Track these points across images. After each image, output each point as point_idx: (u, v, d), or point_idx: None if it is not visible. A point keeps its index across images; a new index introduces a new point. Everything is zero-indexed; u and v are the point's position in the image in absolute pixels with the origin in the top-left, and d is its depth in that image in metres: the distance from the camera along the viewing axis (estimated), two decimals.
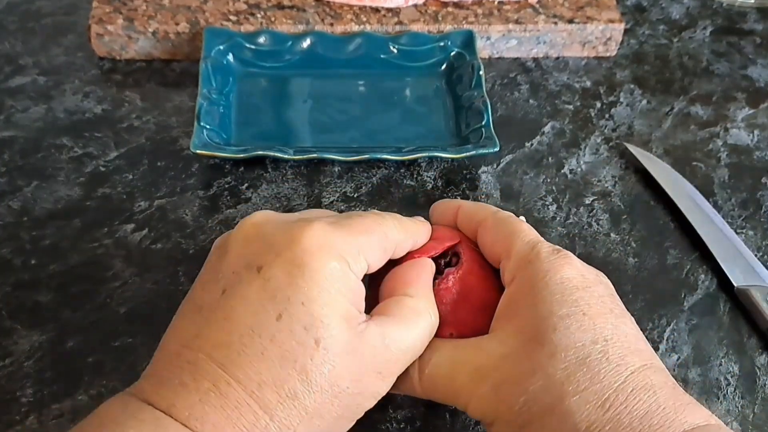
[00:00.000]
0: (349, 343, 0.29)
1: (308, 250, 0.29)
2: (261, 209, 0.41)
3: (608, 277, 0.34)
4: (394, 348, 0.30)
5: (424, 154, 0.48)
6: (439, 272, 0.35)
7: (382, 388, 0.31)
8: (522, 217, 0.36)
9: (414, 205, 0.47)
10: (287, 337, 0.28)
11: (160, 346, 0.30)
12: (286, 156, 0.47)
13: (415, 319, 0.32)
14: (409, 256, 0.35)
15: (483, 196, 0.48)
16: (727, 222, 0.47)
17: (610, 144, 0.52)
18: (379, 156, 0.47)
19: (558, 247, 0.33)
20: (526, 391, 0.30)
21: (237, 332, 0.28)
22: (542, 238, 0.34)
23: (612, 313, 0.31)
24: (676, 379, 0.40)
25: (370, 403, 0.31)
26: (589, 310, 0.31)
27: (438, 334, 0.33)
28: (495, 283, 0.35)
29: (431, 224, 0.37)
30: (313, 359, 0.28)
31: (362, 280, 0.31)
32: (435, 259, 0.35)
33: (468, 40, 0.54)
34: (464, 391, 0.31)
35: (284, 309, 0.28)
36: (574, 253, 0.33)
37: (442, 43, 0.54)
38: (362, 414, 0.31)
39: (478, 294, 0.34)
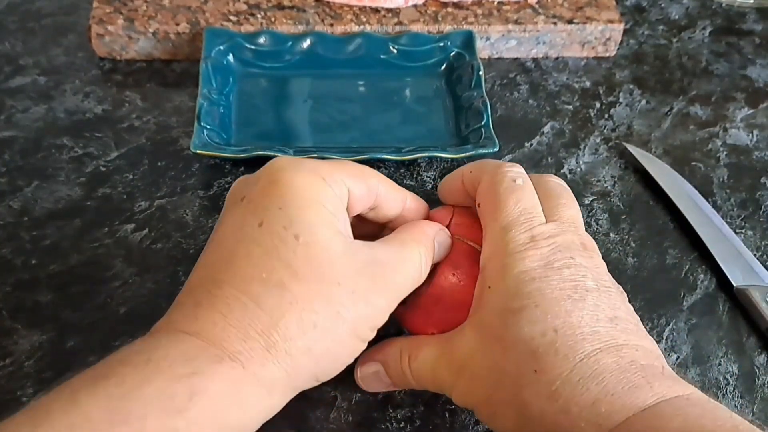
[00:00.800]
0: (331, 242, 0.30)
1: (282, 168, 0.31)
2: None
3: None
4: (384, 260, 0.31)
5: (423, 154, 0.48)
6: None
7: (381, 300, 0.31)
8: (519, 179, 0.33)
9: None
10: (269, 238, 0.29)
11: None
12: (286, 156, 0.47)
13: (402, 244, 0.32)
14: None
15: None
16: (727, 222, 0.47)
17: (610, 144, 0.52)
18: (379, 156, 0.47)
19: (537, 229, 0.32)
20: (489, 384, 0.31)
21: (226, 248, 0.30)
22: (525, 214, 0.32)
23: (569, 299, 0.30)
24: None
25: (373, 315, 0.31)
26: (542, 301, 0.30)
27: (421, 333, 0.35)
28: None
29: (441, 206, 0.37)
30: (295, 252, 0.29)
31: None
32: None
33: (468, 41, 0.54)
34: (446, 383, 0.33)
35: (263, 216, 0.30)
36: None
37: (441, 44, 0.55)
38: (369, 331, 0.31)
39: (457, 291, 0.34)
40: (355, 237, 0.32)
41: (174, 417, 0.25)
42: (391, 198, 0.34)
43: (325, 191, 0.31)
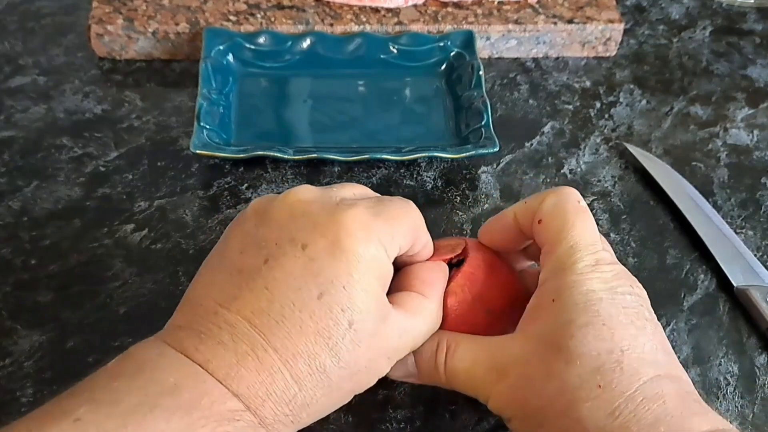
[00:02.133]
0: (375, 327, 0.31)
1: (353, 235, 0.30)
2: None
3: None
4: (405, 338, 0.33)
5: (423, 154, 0.48)
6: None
7: (386, 370, 0.33)
8: (583, 202, 0.35)
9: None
10: (325, 316, 0.29)
11: (189, 298, 0.32)
12: (286, 156, 0.47)
13: (426, 318, 0.34)
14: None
15: (483, 196, 0.48)
16: (727, 222, 0.47)
17: (610, 144, 0.52)
18: (378, 156, 0.47)
19: (600, 254, 0.33)
20: (541, 393, 0.31)
21: (278, 303, 0.29)
22: (590, 238, 0.34)
23: (633, 325, 0.32)
24: None
25: (374, 381, 0.33)
26: (609, 320, 0.31)
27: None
28: (507, 284, 0.36)
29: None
30: (344, 339, 0.30)
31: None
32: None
33: (468, 40, 0.54)
34: (484, 386, 0.33)
35: (326, 289, 0.30)
36: None
37: (441, 43, 0.54)
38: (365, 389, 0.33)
39: (484, 298, 0.35)
40: None
41: None
42: (421, 243, 0.35)
43: (385, 264, 0.32)
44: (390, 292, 0.33)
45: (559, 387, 0.31)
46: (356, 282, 0.30)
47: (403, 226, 0.33)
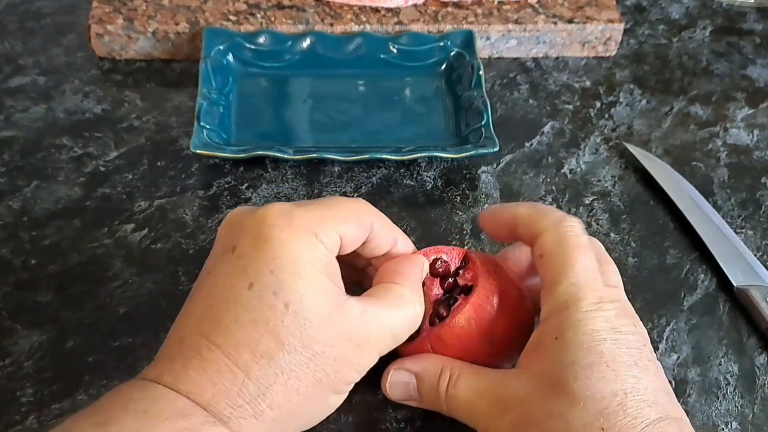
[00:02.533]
0: (320, 308, 0.30)
1: (272, 224, 0.31)
2: None
3: None
4: (373, 324, 0.32)
5: (423, 154, 0.48)
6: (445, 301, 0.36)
7: (363, 361, 0.32)
8: (584, 235, 0.35)
9: (414, 204, 0.47)
10: (258, 303, 0.30)
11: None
12: (285, 156, 0.47)
13: (398, 302, 0.33)
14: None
15: (483, 196, 0.48)
16: (727, 222, 0.47)
17: (610, 144, 0.52)
18: (378, 156, 0.47)
19: (602, 291, 0.33)
20: None
21: (216, 305, 0.30)
22: (592, 275, 0.33)
23: (636, 366, 0.32)
24: (674, 380, 0.40)
25: (352, 375, 0.32)
26: (613, 362, 0.31)
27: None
28: (514, 313, 0.36)
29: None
30: (283, 321, 0.30)
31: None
32: (447, 292, 0.36)
33: (468, 40, 0.54)
34: (485, 420, 0.33)
35: (255, 279, 0.30)
36: None
37: (441, 43, 0.54)
38: (346, 386, 0.32)
39: (492, 330, 0.35)
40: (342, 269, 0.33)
41: None
42: (382, 237, 0.35)
43: (317, 249, 0.31)
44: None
45: (562, 428, 0.31)
46: (285, 266, 0.30)
47: (336, 212, 0.33)
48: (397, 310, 0.33)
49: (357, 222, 0.33)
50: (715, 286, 0.45)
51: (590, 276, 0.33)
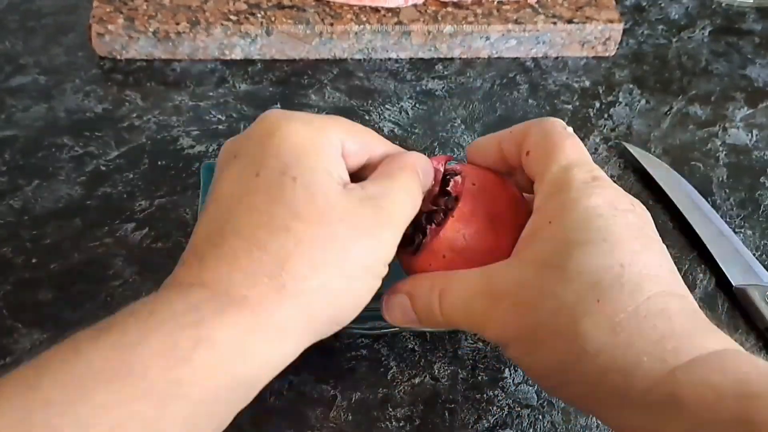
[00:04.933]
0: (330, 181, 0.29)
1: (275, 121, 0.30)
2: None
3: None
4: (382, 195, 0.31)
5: None
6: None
7: (386, 233, 0.30)
8: (569, 128, 0.33)
9: None
10: (268, 185, 0.29)
11: None
12: None
13: (399, 174, 0.32)
14: None
15: None
16: (726, 221, 0.47)
17: (609, 144, 0.52)
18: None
19: (597, 172, 0.32)
20: (537, 313, 0.30)
21: (225, 204, 0.29)
22: (583, 158, 0.32)
23: (636, 241, 0.30)
24: None
25: (381, 250, 0.30)
26: (610, 236, 0.29)
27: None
28: (507, 212, 0.34)
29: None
30: (295, 194, 0.28)
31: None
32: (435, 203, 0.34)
33: None
34: (480, 316, 0.32)
35: (260, 167, 0.29)
36: None
37: None
38: (380, 265, 0.30)
39: (483, 232, 0.33)
40: None
41: (178, 367, 0.25)
42: (375, 138, 0.34)
43: (321, 140, 0.30)
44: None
45: (555, 306, 0.29)
46: (287, 149, 0.29)
47: (341, 122, 0.32)
48: (393, 180, 0.32)
49: (357, 135, 0.32)
50: (714, 285, 0.45)
51: (582, 157, 0.32)
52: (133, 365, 0.25)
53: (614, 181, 0.49)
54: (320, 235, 0.28)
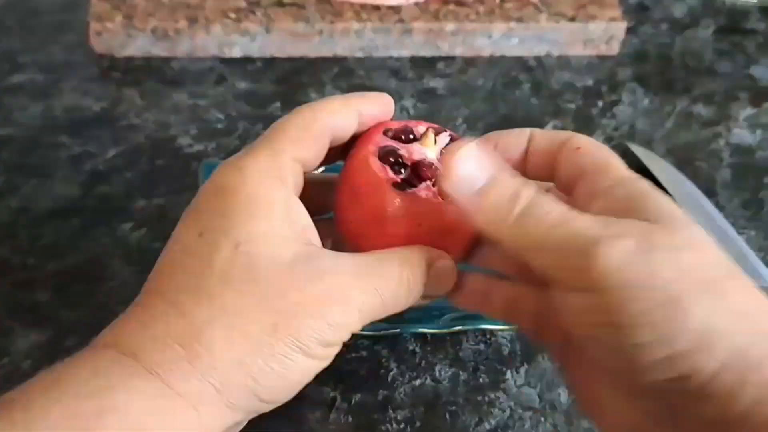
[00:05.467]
0: (279, 250, 0.26)
1: (228, 173, 0.28)
2: None
3: None
4: (349, 274, 0.27)
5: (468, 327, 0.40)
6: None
7: (337, 316, 0.26)
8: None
9: None
10: (208, 248, 0.26)
11: None
12: None
13: (390, 263, 0.28)
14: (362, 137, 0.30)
15: None
16: (730, 222, 0.47)
17: (612, 143, 0.52)
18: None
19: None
20: (678, 261, 0.24)
21: (168, 260, 0.28)
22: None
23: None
24: None
25: (325, 331, 0.26)
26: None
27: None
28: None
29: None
30: (233, 262, 0.26)
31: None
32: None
33: None
34: (586, 241, 0.24)
35: (204, 226, 0.27)
36: None
37: None
38: (319, 346, 0.26)
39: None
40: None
41: None
42: (340, 126, 0.29)
43: (277, 192, 0.27)
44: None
45: (699, 258, 0.24)
46: (236, 208, 0.26)
47: (291, 135, 0.28)
48: (381, 263, 0.28)
49: (311, 140, 0.29)
50: None
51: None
52: None
53: None
54: (250, 306, 0.25)
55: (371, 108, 0.30)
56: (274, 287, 0.26)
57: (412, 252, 0.29)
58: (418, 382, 0.39)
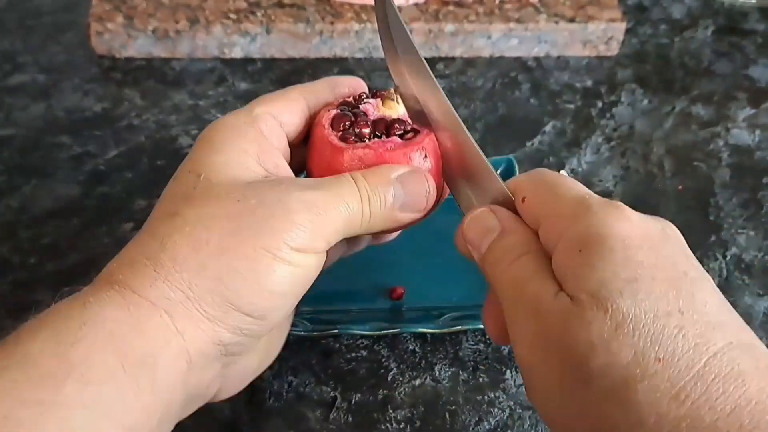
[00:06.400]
0: (239, 177, 0.28)
1: (206, 132, 0.31)
2: None
3: None
4: (304, 183, 0.29)
5: (466, 327, 0.40)
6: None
7: (306, 217, 0.27)
8: (563, 171, 0.32)
9: None
10: (176, 184, 0.29)
11: None
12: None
13: (348, 183, 0.29)
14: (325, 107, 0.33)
15: None
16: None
17: (611, 143, 0.52)
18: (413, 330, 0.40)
19: (617, 202, 0.28)
20: (583, 370, 0.24)
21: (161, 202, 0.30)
22: (589, 190, 0.29)
23: (686, 277, 0.25)
24: None
25: (296, 232, 0.27)
26: (658, 274, 0.25)
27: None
28: None
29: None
30: (195, 187, 0.28)
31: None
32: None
33: (509, 168, 0.46)
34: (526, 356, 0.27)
35: (180, 171, 0.30)
36: None
37: None
38: (291, 250, 0.27)
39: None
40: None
41: (67, 350, 0.25)
42: (313, 93, 0.33)
43: (246, 133, 0.30)
44: None
45: (605, 361, 0.24)
46: (203, 148, 0.29)
47: (264, 101, 0.32)
48: (339, 179, 0.29)
49: (282, 96, 0.32)
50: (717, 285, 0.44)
51: (583, 188, 0.29)
52: (27, 355, 0.25)
53: (617, 182, 0.50)
54: (210, 216, 0.27)
55: (343, 81, 0.34)
56: (232, 197, 0.27)
57: (373, 168, 0.30)
58: (417, 381, 0.39)
